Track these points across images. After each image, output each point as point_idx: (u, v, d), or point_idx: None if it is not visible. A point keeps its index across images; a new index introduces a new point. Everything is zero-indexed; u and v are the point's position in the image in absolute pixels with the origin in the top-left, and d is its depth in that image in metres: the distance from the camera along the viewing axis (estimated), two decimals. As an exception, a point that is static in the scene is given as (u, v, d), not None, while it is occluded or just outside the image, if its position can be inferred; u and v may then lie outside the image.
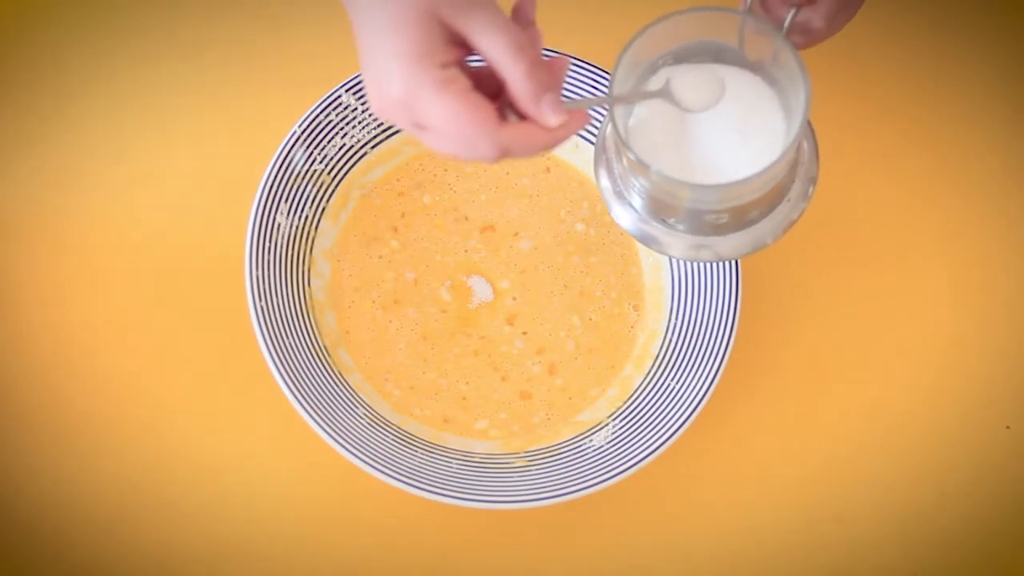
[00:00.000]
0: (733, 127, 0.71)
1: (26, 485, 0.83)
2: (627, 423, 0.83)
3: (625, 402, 0.85)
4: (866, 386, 0.88)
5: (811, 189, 0.75)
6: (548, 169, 0.90)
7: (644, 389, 0.85)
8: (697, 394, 0.82)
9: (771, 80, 0.72)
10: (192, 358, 0.86)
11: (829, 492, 0.86)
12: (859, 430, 0.87)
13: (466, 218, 0.89)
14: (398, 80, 0.65)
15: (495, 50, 0.65)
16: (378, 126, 0.88)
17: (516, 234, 0.89)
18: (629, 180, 0.74)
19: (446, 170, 0.90)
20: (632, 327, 0.88)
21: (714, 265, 0.85)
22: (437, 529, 0.84)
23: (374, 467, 0.79)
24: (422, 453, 0.82)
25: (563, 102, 0.67)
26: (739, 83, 0.72)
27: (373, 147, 0.88)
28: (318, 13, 0.94)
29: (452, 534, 0.84)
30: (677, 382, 0.84)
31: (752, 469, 0.86)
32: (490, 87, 0.67)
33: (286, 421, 0.83)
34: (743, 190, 0.70)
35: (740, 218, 0.74)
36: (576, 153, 0.90)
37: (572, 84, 0.89)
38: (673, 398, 0.83)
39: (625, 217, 0.76)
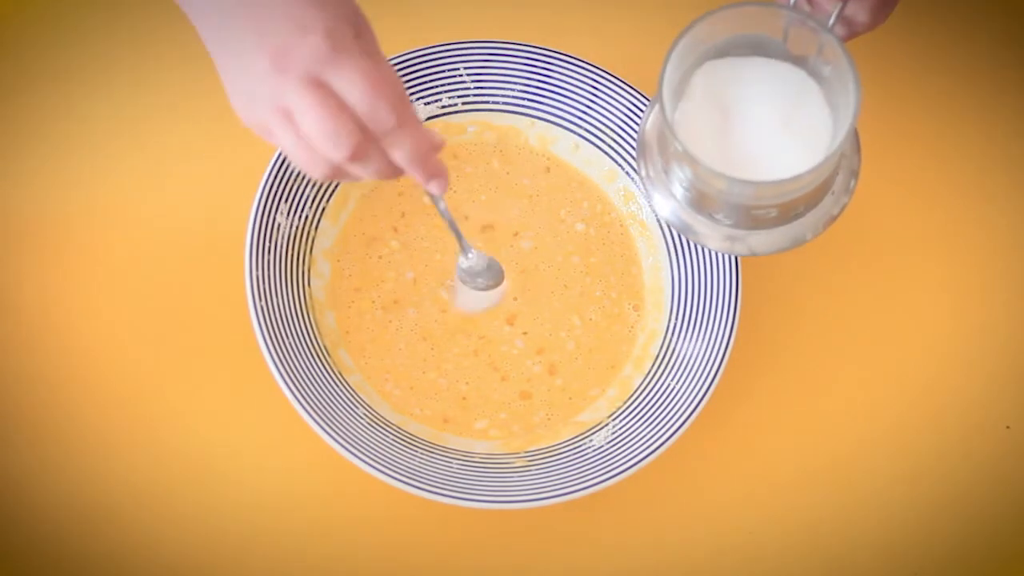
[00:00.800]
0: (778, 121, 0.72)
1: (26, 485, 0.83)
2: (627, 423, 0.83)
3: (625, 402, 0.85)
4: (866, 386, 0.88)
5: (853, 182, 0.76)
6: (548, 169, 0.90)
7: (644, 389, 0.85)
8: (697, 394, 0.82)
9: (815, 74, 0.72)
10: (192, 358, 0.86)
11: (829, 492, 0.86)
12: (859, 430, 0.87)
13: (466, 218, 0.89)
14: (320, 32, 0.65)
15: (394, 148, 0.68)
16: (378, 126, 0.88)
17: (516, 234, 0.89)
18: (672, 171, 0.75)
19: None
20: (632, 327, 0.88)
21: (714, 265, 0.85)
22: (437, 529, 0.84)
23: (374, 467, 0.79)
24: (422, 453, 0.82)
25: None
26: (783, 78, 0.73)
27: (373, 147, 0.88)
28: (318, 13, 0.94)
29: (452, 534, 0.84)
30: (677, 382, 0.84)
31: (752, 469, 0.86)
32: None
33: (286, 421, 0.83)
34: (793, 187, 0.71)
35: (787, 212, 0.74)
36: (576, 153, 0.90)
37: (570, 82, 0.89)
38: (673, 398, 0.83)
39: (665, 207, 0.77)
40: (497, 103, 0.89)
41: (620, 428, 0.83)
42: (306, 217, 0.86)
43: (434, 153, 0.69)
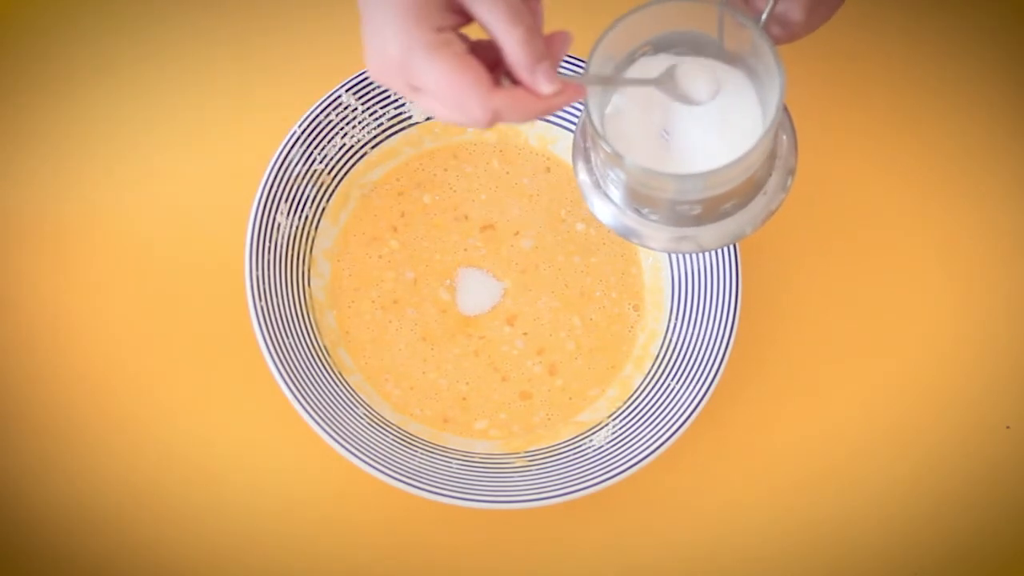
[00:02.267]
0: (711, 119, 0.71)
1: (25, 485, 0.83)
2: (627, 423, 0.83)
3: (625, 402, 0.85)
4: (866, 386, 0.88)
5: (790, 180, 0.75)
6: (548, 169, 0.90)
7: (644, 389, 0.85)
8: (697, 394, 0.82)
9: (750, 73, 0.71)
10: (192, 358, 0.86)
11: (829, 492, 0.86)
12: (859, 430, 0.87)
13: (466, 217, 0.89)
14: (393, 40, 0.66)
15: (492, 16, 0.66)
16: (378, 126, 0.88)
17: (516, 233, 0.89)
18: (606, 172, 0.74)
19: (446, 170, 0.90)
20: (632, 327, 0.88)
21: (714, 265, 0.85)
22: (437, 529, 0.84)
23: (374, 467, 0.79)
24: (422, 453, 0.82)
25: (560, 75, 0.67)
26: (718, 75, 0.72)
27: (373, 147, 0.88)
28: (318, 13, 0.94)
29: (452, 534, 0.84)
30: (677, 382, 0.84)
31: (752, 469, 0.86)
32: (489, 58, 0.68)
33: (286, 421, 0.83)
34: (717, 180, 0.70)
35: (715, 209, 0.73)
36: (576, 153, 0.90)
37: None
38: (673, 398, 0.83)
39: (604, 210, 0.76)
40: (497, 103, 0.89)
41: (620, 428, 0.83)
42: (306, 217, 0.86)
43: (557, 97, 0.68)
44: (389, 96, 0.88)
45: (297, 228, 0.86)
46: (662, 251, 0.76)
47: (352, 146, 0.88)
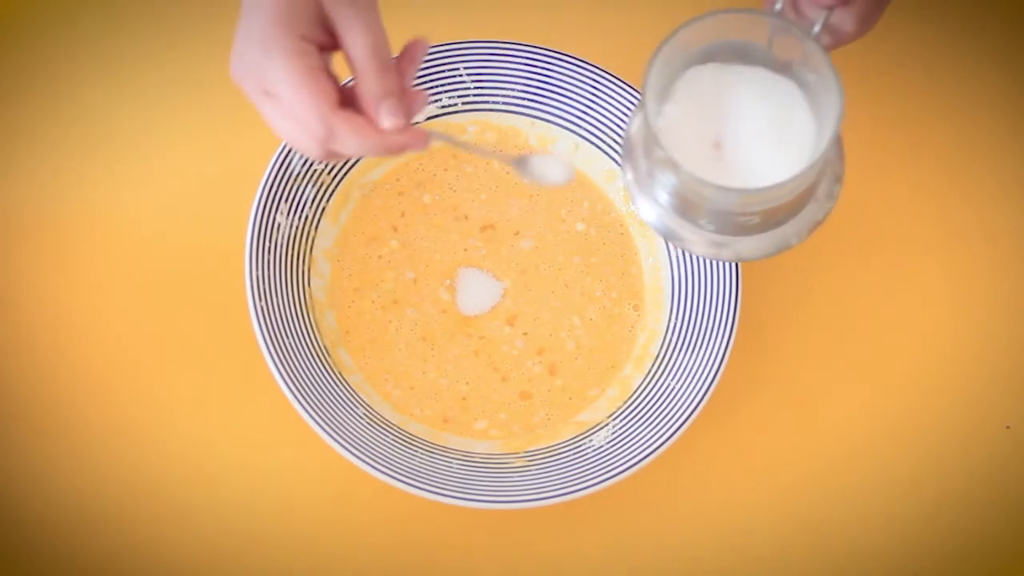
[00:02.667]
0: (762, 129, 0.72)
1: (25, 485, 0.83)
2: (627, 423, 0.83)
3: (625, 402, 0.85)
4: (866, 386, 0.88)
5: (837, 188, 0.76)
6: (548, 169, 0.90)
7: (644, 389, 0.85)
8: (697, 394, 0.82)
9: (800, 81, 0.72)
10: (192, 358, 0.86)
11: (829, 492, 0.86)
12: (859, 430, 0.87)
13: (466, 217, 0.89)
14: (257, 40, 0.67)
15: (354, 45, 0.68)
16: (378, 126, 0.88)
17: (517, 233, 0.89)
18: (656, 176, 0.75)
19: (446, 170, 0.90)
20: (632, 327, 0.88)
21: (714, 265, 0.85)
22: (437, 529, 0.84)
23: (374, 467, 0.79)
24: (422, 453, 0.82)
25: (411, 120, 0.70)
26: (768, 84, 0.73)
27: (373, 147, 0.88)
28: (318, 13, 0.94)
29: (452, 534, 0.84)
30: (677, 382, 0.84)
31: (752, 469, 0.86)
32: (347, 97, 0.69)
33: (286, 421, 0.83)
34: (776, 194, 0.71)
35: (769, 219, 0.74)
36: (576, 153, 0.90)
37: (570, 82, 0.89)
38: (673, 398, 0.83)
39: (650, 212, 0.77)
40: (497, 103, 0.89)
41: (620, 428, 0.83)
42: (306, 217, 0.86)
43: (390, 132, 0.69)
44: (389, 96, 0.88)
45: (297, 228, 0.86)
46: (703, 256, 0.77)
47: (352, 146, 0.88)
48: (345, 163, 0.88)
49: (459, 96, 0.89)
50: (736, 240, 0.76)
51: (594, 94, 0.88)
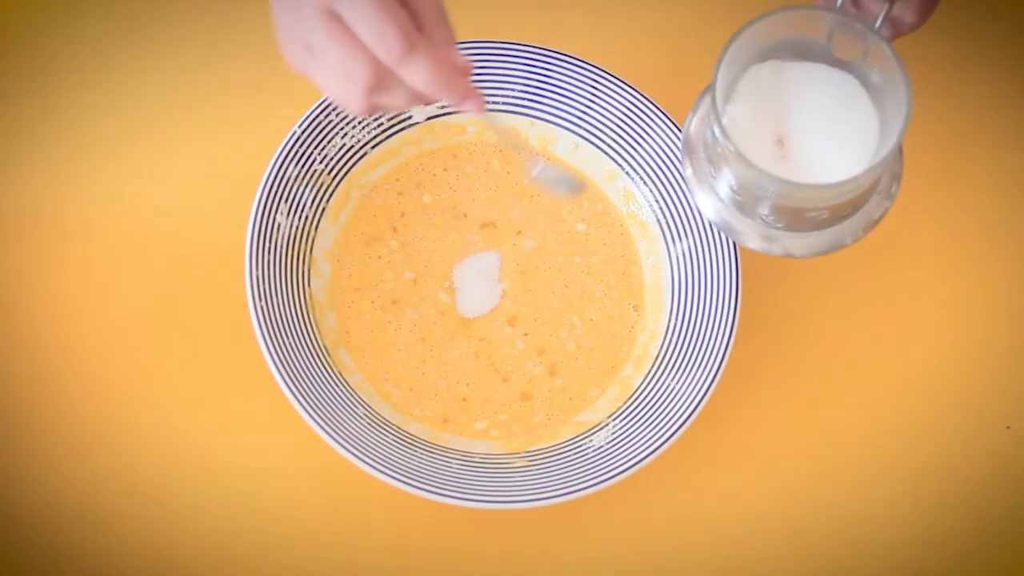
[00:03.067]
0: (825, 126, 0.73)
1: (25, 485, 0.83)
2: (627, 423, 0.83)
3: (625, 402, 0.85)
4: (866, 386, 0.88)
5: (895, 187, 0.76)
6: (548, 169, 0.90)
7: (644, 389, 0.85)
8: (697, 394, 0.82)
9: (861, 78, 0.73)
10: (192, 358, 0.86)
11: (829, 492, 0.86)
12: (859, 430, 0.87)
13: (465, 216, 0.89)
14: None
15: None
16: (378, 126, 0.88)
17: (519, 233, 0.89)
18: (721, 171, 0.75)
19: (446, 170, 0.90)
20: (632, 327, 0.88)
21: (714, 265, 0.85)
22: (437, 529, 0.84)
23: (374, 467, 0.79)
24: (422, 453, 0.82)
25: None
26: (829, 81, 0.73)
27: (373, 147, 0.88)
28: (318, 13, 0.94)
29: (452, 534, 0.84)
30: (677, 382, 0.84)
31: (752, 469, 0.86)
32: None
33: (286, 421, 0.83)
34: (847, 188, 0.72)
35: (836, 215, 0.75)
36: (576, 153, 0.90)
37: (570, 82, 0.89)
38: (673, 398, 0.83)
39: (709, 207, 0.78)
40: (497, 103, 0.89)
41: (620, 428, 0.83)
42: (306, 217, 0.86)
43: (459, 76, 0.68)
44: (389, 96, 0.88)
45: (297, 228, 0.86)
46: (756, 249, 0.78)
47: (352, 146, 0.88)
48: (345, 163, 0.88)
49: (459, 96, 0.89)
50: (791, 236, 0.77)
51: (594, 94, 0.88)
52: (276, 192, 0.85)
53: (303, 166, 0.86)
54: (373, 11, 0.64)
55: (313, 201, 0.87)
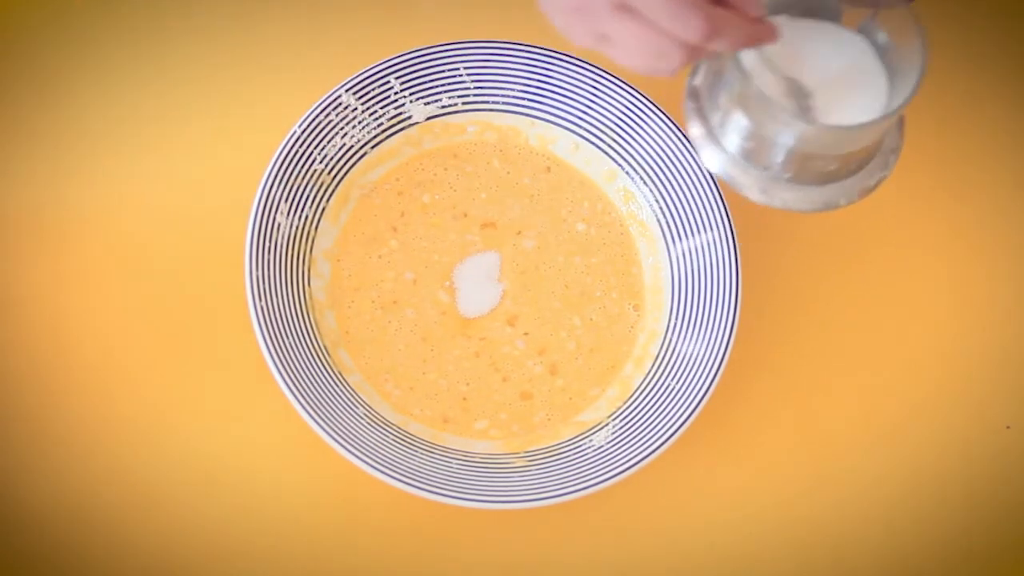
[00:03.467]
0: (837, 80, 0.73)
1: (25, 485, 0.83)
2: (627, 423, 0.83)
3: (625, 402, 0.85)
4: (866, 386, 0.88)
5: (893, 159, 0.76)
6: (548, 169, 0.90)
7: (644, 389, 0.85)
8: (697, 394, 0.82)
9: (870, 38, 0.73)
10: (192, 358, 0.86)
11: (829, 492, 0.86)
12: (859, 430, 0.87)
13: (465, 216, 0.89)
14: None
15: None
16: (378, 126, 0.88)
17: (519, 232, 0.89)
18: (731, 120, 0.75)
19: (446, 169, 0.90)
20: (632, 327, 0.88)
21: (714, 265, 0.85)
22: (437, 529, 0.84)
23: (374, 467, 0.79)
24: (422, 453, 0.82)
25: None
26: (840, 39, 0.74)
27: (373, 147, 0.88)
28: (318, 13, 0.94)
29: (452, 534, 0.84)
30: (677, 382, 0.84)
31: (752, 469, 0.86)
32: None
33: (286, 421, 0.83)
34: (868, 132, 0.71)
35: (844, 167, 0.75)
36: (576, 153, 0.90)
37: (570, 82, 0.89)
38: (673, 398, 0.83)
39: (713, 160, 0.77)
40: (497, 103, 0.89)
41: (620, 428, 0.83)
42: (306, 217, 0.86)
43: (760, 26, 0.69)
44: (389, 96, 0.88)
45: (297, 228, 0.86)
46: (758, 202, 0.78)
47: (352, 146, 0.88)
48: (345, 163, 0.88)
49: (459, 96, 0.89)
50: (791, 190, 0.76)
51: (594, 94, 0.88)
52: (276, 192, 0.85)
53: (303, 166, 0.86)
54: (663, 6, 0.66)
55: (313, 201, 0.87)
